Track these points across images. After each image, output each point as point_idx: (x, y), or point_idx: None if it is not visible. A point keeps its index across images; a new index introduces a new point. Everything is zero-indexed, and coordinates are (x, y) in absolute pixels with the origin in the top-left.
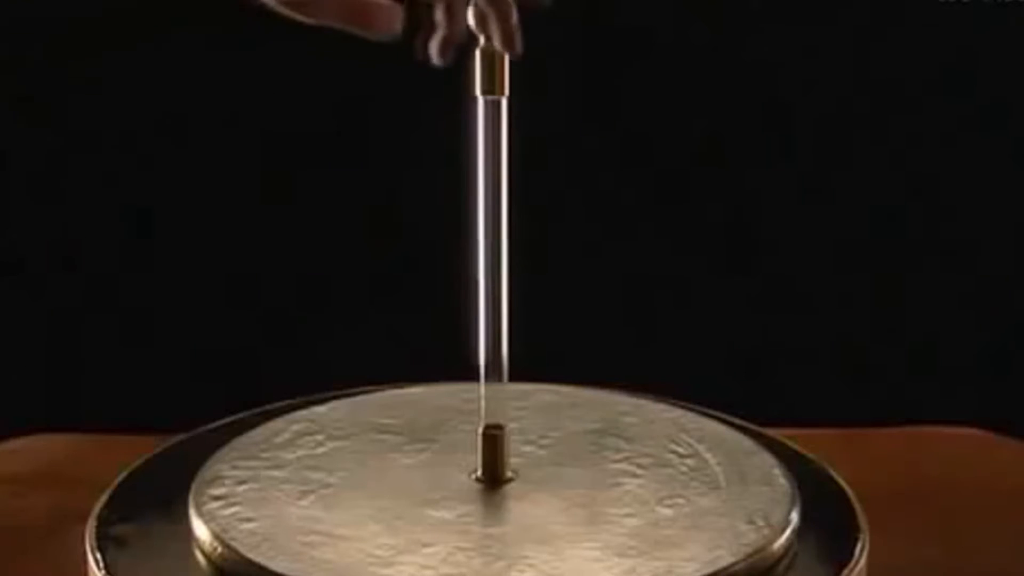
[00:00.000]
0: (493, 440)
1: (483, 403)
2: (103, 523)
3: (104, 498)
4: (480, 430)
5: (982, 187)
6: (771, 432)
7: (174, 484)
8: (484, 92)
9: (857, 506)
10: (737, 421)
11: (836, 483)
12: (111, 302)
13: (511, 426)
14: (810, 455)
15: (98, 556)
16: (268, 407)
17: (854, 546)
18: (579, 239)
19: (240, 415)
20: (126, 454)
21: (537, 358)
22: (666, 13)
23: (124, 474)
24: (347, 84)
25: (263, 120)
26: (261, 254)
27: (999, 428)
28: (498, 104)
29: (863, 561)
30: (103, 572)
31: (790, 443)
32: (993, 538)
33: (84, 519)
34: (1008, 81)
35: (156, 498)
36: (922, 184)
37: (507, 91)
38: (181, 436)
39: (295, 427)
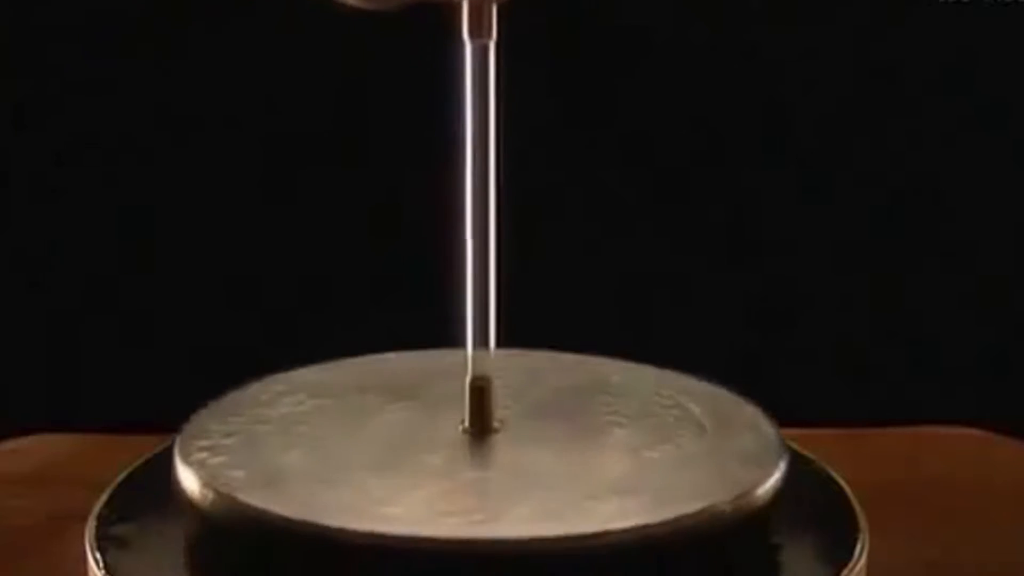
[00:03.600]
0: (480, 391)
1: (470, 361)
2: (103, 523)
3: (104, 498)
4: (467, 382)
5: (982, 187)
6: None
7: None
8: (472, 36)
9: (857, 506)
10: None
11: (836, 483)
12: (111, 302)
13: (497, 383)
14: (810, 455)
15: (98, 556)
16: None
17: (854, 546)
18: (578, 238)
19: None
20: (126, 454)
21: None
22: (666, 13)
23: (124, 474)
24: (347, 84)
25: (263, 120)
26: (261, 254)
27: (999, 428)
28: (485, 48)
29: (863, 561)
30: (103, 572)
31: (790, 443)
32: (993, 538)
33: (84, 519)
34: (1008, 81)
35: (156, 498)
36: (922, 184)
37: (494, 36)
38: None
39: (277, 387)
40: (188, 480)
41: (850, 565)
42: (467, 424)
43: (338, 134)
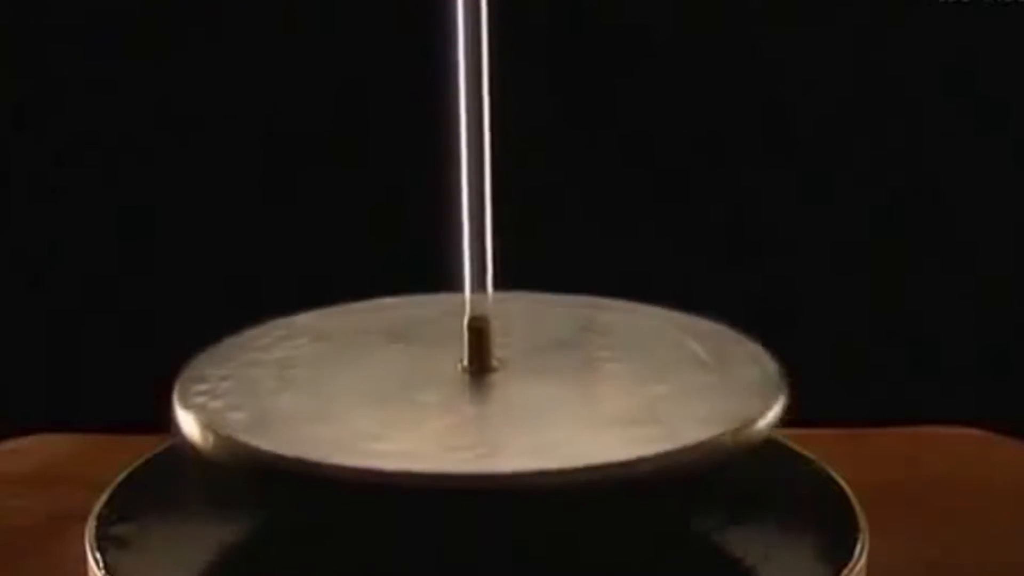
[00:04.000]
0: (478, 329)
1: (467, 301)
2: (103, 523)
3: (104, 498)
4: (465, 321)
5: (982, 187)
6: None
7: (174, 484)
8: None
9: (857, 506)
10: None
11: (836, 483)
12: (111, 302)
13: (495, 324)
14: (810, 455)
15: (98, 556)
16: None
17: (854, 546)
18: (577, 238)
19: None
20: (126, 454)
21: None
22: (666, 13)
23: (124, 474)
24: (347, 83)
25: (263, 120)
26: (261, 254)
27: (999, 428)
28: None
29: (863, 561)
30: (103, 572)
31: (790, 443)
32: (993, 537)
33: (84, 519)
34: (1008, 81)
35: (156, 498)
36: (922, 184)
37: None
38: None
39: (274, 332)
40: (188, 423)
41: (850, 565)
42: (466, 363)
43: (338, 134)
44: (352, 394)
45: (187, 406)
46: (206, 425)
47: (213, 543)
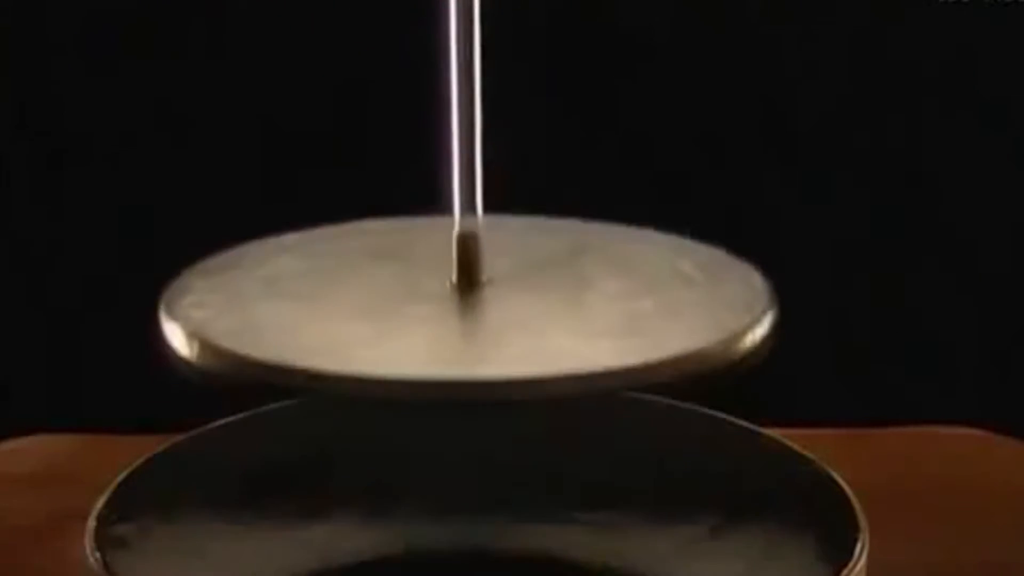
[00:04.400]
0: (467, 244)
1: (456, 219)
2: (103, 523)
3: (104, 498)
4: (454, 235)
5: (982, 187)
6: (771, 432)
7: (174, 484)
8: None
9: (857, 506)
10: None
11: (836, 483)
12: (111, 302)
13: (485, 243)
14: (810, 455)
15: (98, 556)
16: None
17: (854, 546)
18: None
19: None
20: (126, 454)
21: None
22: (666, 13)
23: (124, 474)
24: (346, 84)
25: (263, 120)
26: None
27: (999, 428)
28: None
29: (863, 561)
30: (103, 572)
31: (790, 443)
32: (993, 537)
33: (84, 519)
34: (1008, 81)
35: (156, 498)
36: (922, 184)
37: None
38: (181, 436)
39: (263, 248)
40: (173, 333)
41: (850, 565)
42: (454, 279)
43: (338, 134)
44: (339, 307)
45: (173, 316)
46: (191, 333)
47: (213, 543)
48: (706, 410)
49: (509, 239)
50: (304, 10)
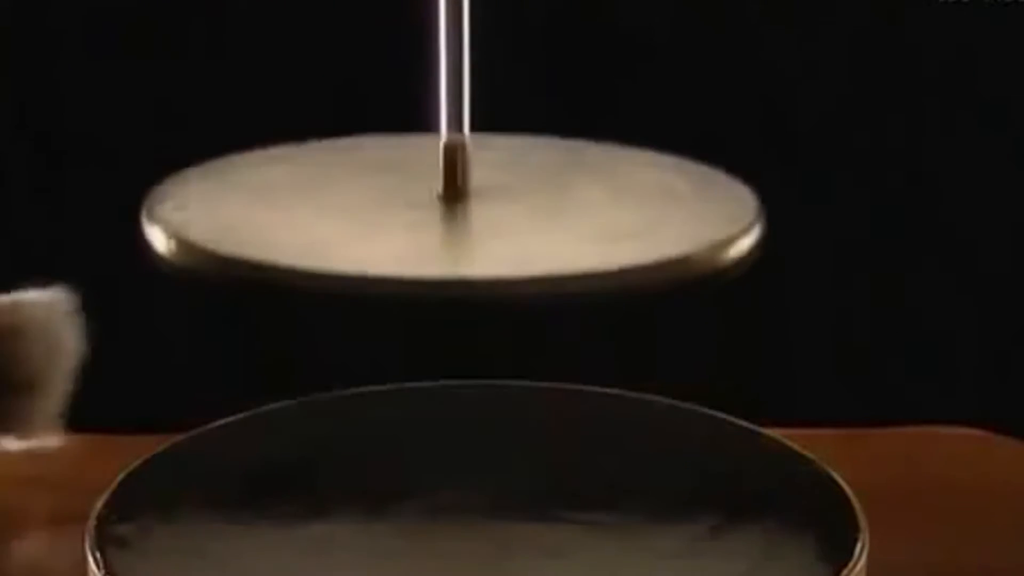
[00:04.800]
0: (453, 153)
1: (444, 130)
2: (103, 523)
3: (104, 498)
4: (440, 145)
5: (982, 187)
6: (771, 432)
7: (174, 484)
8: None
9: (857, 506)
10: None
11: (836, 483)
12: (111, 302)
13: (472, 157)
14: (810, 455)
15: (98, 556)
16: None
17: (854, 546)
18: None
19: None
20: (126, 454)
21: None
22: (666, 13)
23: (124, 474)
24: (347, 84)
25: (263, 119)
26: None
27: (999, 428)
28: None
29: (863, 561)
30: (103, 572)
31: (790, 443)
32: (994, 537)
33: (84, 519)
34: (1008, 81)
35: (156, 498)
36: (922, 184)
37: None
38: (181, 436)
39: (250, 159)
40: (153, 233)
41: (850, 565)
42: (440, 189)
43: (338, 134)
44: (321, 212)
45: (153, 218)
46: (171, 233)
47: (213, 543)
48: (706, 410)
49: (500, 154)
50: (304, 10)
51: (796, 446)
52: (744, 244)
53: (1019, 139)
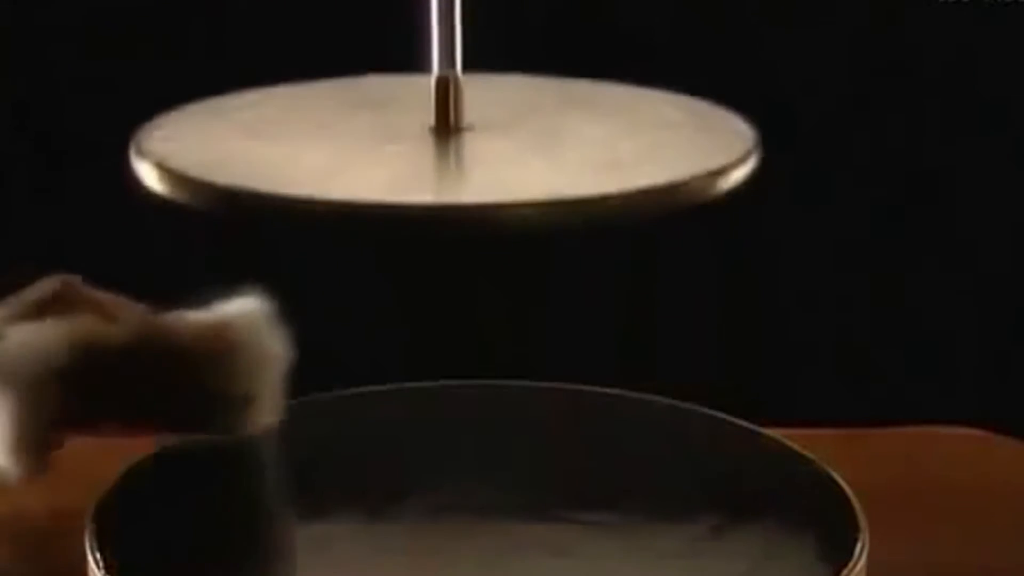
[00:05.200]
0: (445, 86)
1: (435, 63)
2: (103, 523)
3: (103, 498)
4: (432, 79)
5: (982, 187)
6: (771, 432)
7: (174, 484)
8: None
9: (857, 506)
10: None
11: (836, 483)
12: None
13: (466, 97)
14: (810, 455)
15: (98, 556)
16: None
17: (854, 546)
18: (578, 239)
19: None
20: (126, 454)
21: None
22: (666, 13)
23: (124, 474)
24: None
25: None
26: (260, 253)
27: (999, 428)
28: None
29: (863, 560)
30: (103, 572)
31: (790, 443)
32: (994, 537)
33: (83, 519)
34: (1008, 81)
35: (156, 498)
36: (922, 184)
37: None
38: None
39: (243, 97)
40: (141, 166)
41: (850, 565)
42: (433, 123)
43: None
44: (315, 145)
45: (142, 151)
46: (158, 163)
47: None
48: (706, 410)
49: (495, 93)
50: (304, 10)
51: (796, 446)
52: (739, 173)
53: (1019, 139)
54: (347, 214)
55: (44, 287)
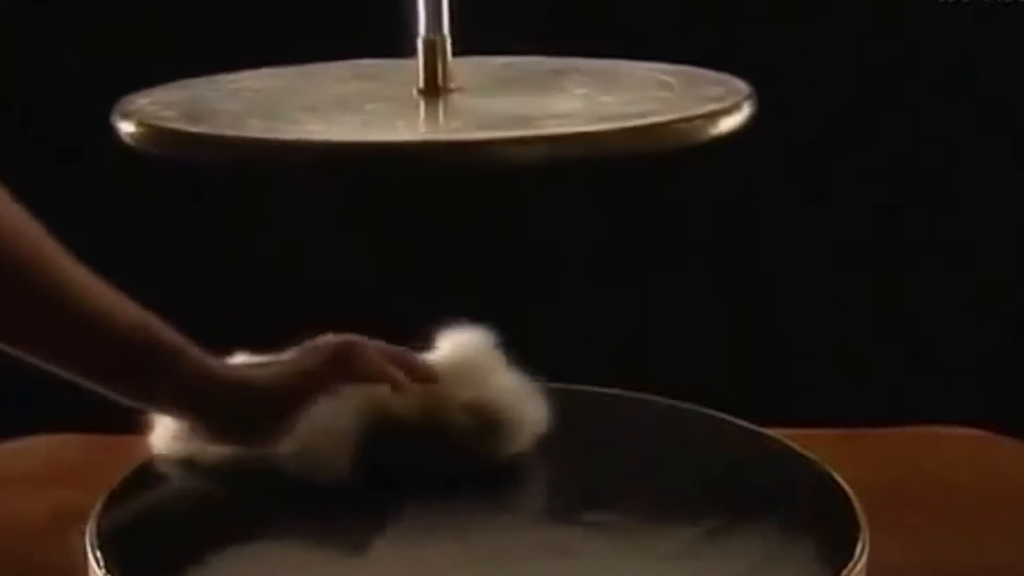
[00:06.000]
0: (432, 49)
1: (421, 21)
2: (103, 523)
3: (104, 498)
4: (419, 42)
5: (982, 187)
6: (771, 432)
7: (174, 484)
8: None
9: (857, 506)
10: None
11: (836, 483)
12: None
13: (464, 65)
14: (810, 455)
15: (98, 556)
16: None
17: (854, 545)
18: (578, 240)
19: None
20: (126, 454)
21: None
22: (666, 13)
23: (124, 474)
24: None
25: None
26: (260, 254)
27: (999, 428)
28: None
29: (863, 560)
30: (103, 572)
31: (790, 443)
32: (993, 537)
33: (84, 519)
34: (1008, 81)
35: (156, 498)
36: (922, 184)
37: None
38: None
39: (237, 75)
40: (123, 125)
41: (850, 565)
42: (421, 85)
43: None
44: (299, 107)
45: (125, 112)
46: (140, 120)
47: (213, 543)
48: (706, 410)
49: (487, 66)
50: (304, 10)
51: (796, 446)
52: (719, 122)
53: (1019, 139)
54: (327, 156)
55: (326, 346)
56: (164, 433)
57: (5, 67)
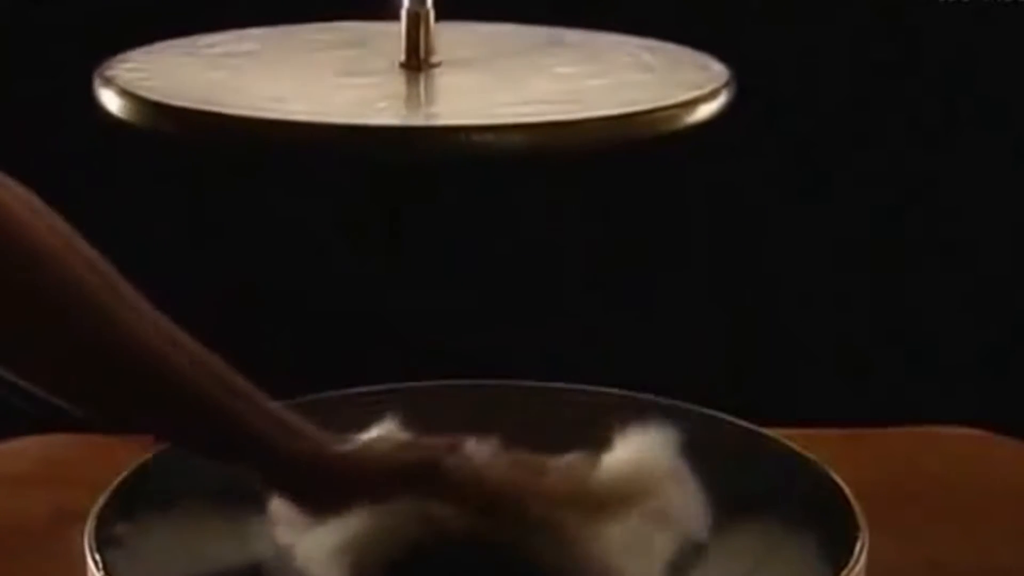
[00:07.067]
0: (415, 21)
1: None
2: (103, 523)
3: (104, 498)
4: (402, 14)
5: (982, 187)
6: (771, 432)
7: (174, 484)
8: None
9: (857, 506)
10: None
11: (836, 483)
12: None
13: (449, 35)
14: (810, 455)
15: (98, 556)
16: None
17: (854, 545)
18: (579, 240)
19: None
20: (126, 454)
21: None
22: (666, 12)
23: (124, 474)
24: None
25: None
26: (261, 254)
27: (999, 428)
28: None
29: (863, 560)
30: (103, 572)
31: (790, 443)
32: (993, 537)
33: (84, 519)
34: (1008, 81)
35: (156, 498)
36: (922, 184)
37: None
38: None
39: (221, 36)
40: (104, 94)
41: (850, 565)
42: (403, 58)
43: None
44: (279, 76)
45: (106, 79)
46: (122, 91)
47: (213, 543)
48: (706, 410)
49: (472, 35)
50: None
51: (796, 446)
52: (707, 108)
53: (1019, 139)
54: (312, 137)
55: (421, 451)
56: None
57: (5, 67)
